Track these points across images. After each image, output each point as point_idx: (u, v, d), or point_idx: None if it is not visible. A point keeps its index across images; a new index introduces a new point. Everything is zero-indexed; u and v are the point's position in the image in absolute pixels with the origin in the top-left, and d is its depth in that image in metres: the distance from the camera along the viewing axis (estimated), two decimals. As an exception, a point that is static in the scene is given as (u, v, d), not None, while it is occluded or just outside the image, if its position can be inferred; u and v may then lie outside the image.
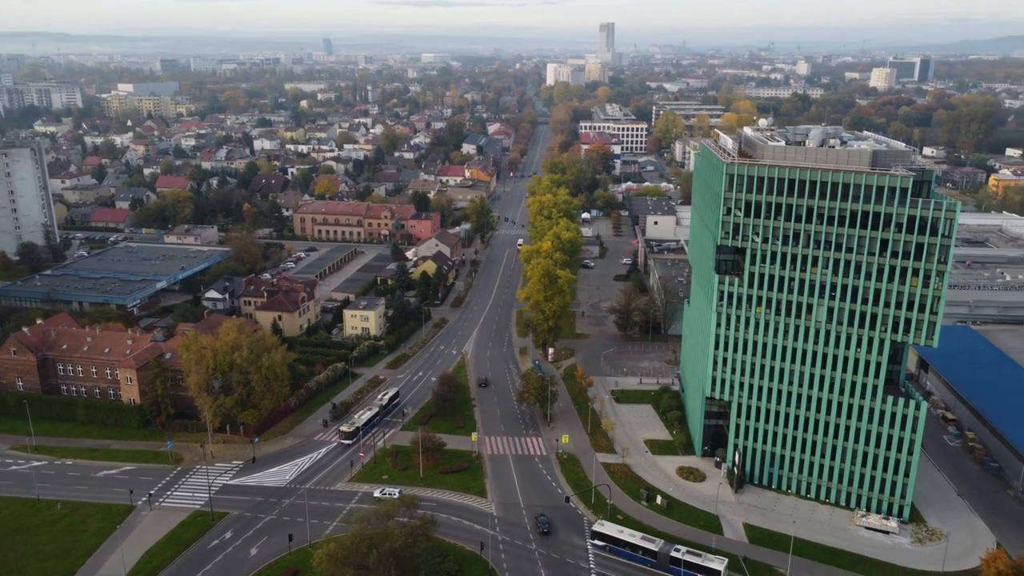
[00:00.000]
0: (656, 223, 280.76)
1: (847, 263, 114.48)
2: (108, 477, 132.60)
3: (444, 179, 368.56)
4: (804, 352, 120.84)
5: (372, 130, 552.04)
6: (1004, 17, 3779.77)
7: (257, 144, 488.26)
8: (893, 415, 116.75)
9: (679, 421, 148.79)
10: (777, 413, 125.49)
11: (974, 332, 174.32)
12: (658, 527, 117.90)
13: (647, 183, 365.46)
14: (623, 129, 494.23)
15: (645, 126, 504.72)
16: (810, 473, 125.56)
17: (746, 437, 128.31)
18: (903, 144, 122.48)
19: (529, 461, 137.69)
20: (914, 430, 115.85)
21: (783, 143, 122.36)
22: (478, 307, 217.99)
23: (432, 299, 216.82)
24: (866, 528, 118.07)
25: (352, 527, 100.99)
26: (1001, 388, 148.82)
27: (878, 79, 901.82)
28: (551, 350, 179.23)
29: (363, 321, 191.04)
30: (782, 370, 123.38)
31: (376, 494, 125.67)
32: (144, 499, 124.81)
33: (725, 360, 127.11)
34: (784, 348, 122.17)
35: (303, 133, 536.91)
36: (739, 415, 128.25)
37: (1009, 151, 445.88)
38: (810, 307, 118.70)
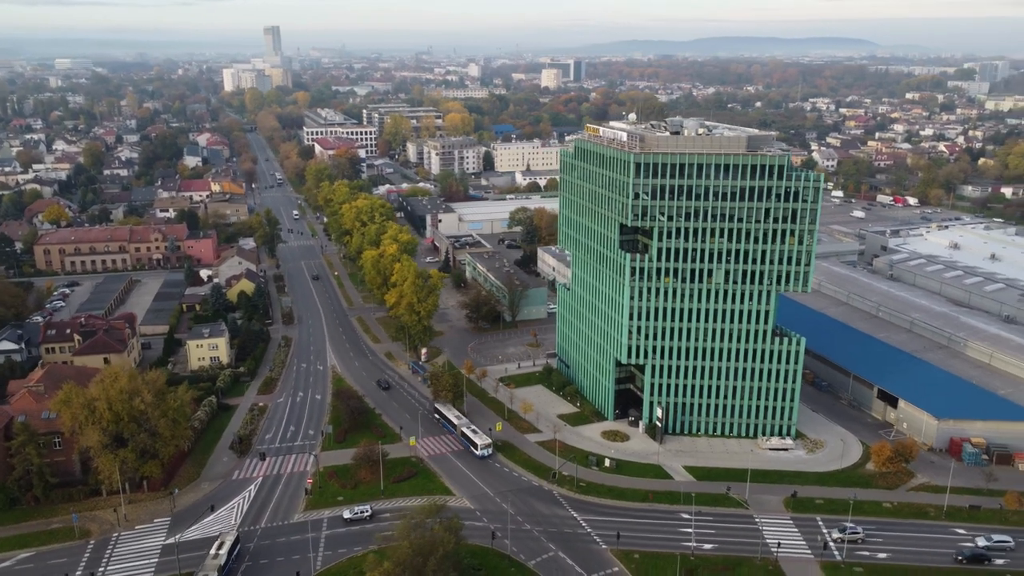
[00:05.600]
0: (441, 220, 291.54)
1: (738, 231, 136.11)
2: (7, 570, 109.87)
3: (187, 194, 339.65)
4: (706, 311, 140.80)
5: (56, 146, 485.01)
6: (618, 22, 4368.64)
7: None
8: (780, 352, 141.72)
9: (578, 394, 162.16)
10: (685, 368, 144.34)
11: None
12: (620, 485, 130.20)
13: (404, 184, 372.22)
14: (351, 133, 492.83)
15: (374, 129, 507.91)
16: (716, 415, 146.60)
17: (661, 394, 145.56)
18: (756, 130, 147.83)
19: (469, 455, 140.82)
20: (796, 361, 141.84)
21: (668, 133, 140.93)
22: (313, 320, 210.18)
23: (264, 318, 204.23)
24: (771, 450, 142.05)
25: (399, 541, 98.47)
26: (804, 323, 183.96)
27: (548, 79, 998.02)
28: (424, 350, 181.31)
29: (212, 350, 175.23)
30: (688, 330, 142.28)
31: (346, 515, 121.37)
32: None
33: (639, 329, 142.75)
34: (689, 310, 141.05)
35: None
36: (653, 375, 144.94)
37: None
38: (710, 272, 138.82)
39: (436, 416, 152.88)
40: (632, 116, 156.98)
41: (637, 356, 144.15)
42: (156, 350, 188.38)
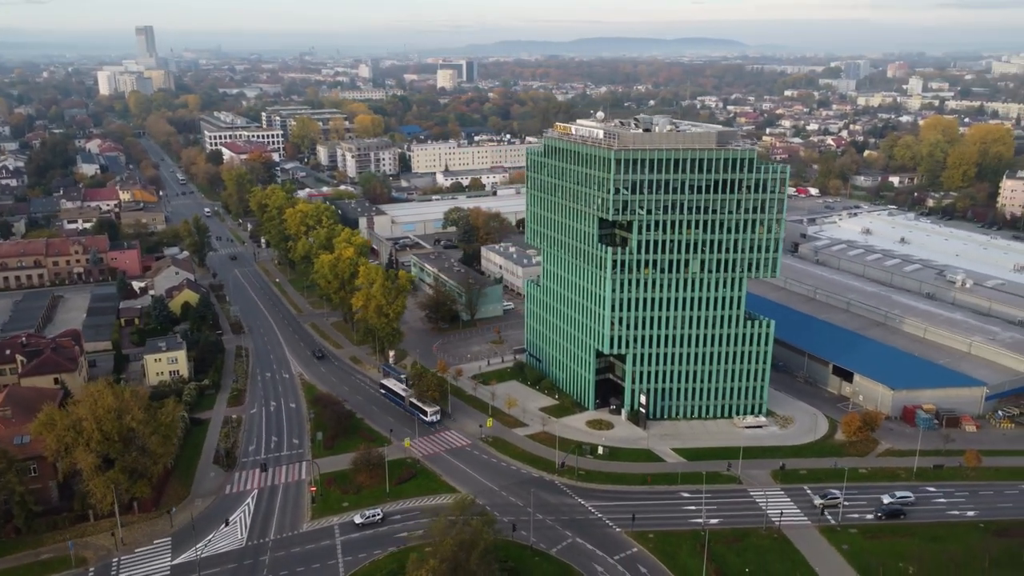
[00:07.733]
0: (374, 222, 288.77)
1: (712, 222, 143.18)
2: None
3: (94, 204, 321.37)
4: (683, 299, 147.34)
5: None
6: (493, 23, 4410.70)
7: None
8: (751, 335, 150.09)
9: (554, 387, 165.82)
10: (664, 355, 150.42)
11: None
12: (617, 471, 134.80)
13: (325, 188, 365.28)
14: (258, 136, 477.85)
15: (278, 133, 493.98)
16: (694, 398, 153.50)
17: (642, 381, 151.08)
18: (720, 126, 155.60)
19: (464, 452, 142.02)
20: (766, 343, 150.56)
21: (641, 131, 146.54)
22: (264, 329, 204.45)
23: (214, 329, 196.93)
24: (747, 428, 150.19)
25: (440, 538, 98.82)
26: (752, 308, 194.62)
27: (444, 80, 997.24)
28: (391, 353, 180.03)
29: (171, 364, 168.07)
30: (666, 318, 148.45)
31: (358, 520, 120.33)
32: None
33: (621, 319, 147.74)
34: (667, 299, 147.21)
35: None
36: (634, 364, 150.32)
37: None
38: (687, 262, 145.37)
39: (383, 392, 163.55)
40: (600, 114, 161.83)
41: (619, 346, 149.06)
42: (102, 367, 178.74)
